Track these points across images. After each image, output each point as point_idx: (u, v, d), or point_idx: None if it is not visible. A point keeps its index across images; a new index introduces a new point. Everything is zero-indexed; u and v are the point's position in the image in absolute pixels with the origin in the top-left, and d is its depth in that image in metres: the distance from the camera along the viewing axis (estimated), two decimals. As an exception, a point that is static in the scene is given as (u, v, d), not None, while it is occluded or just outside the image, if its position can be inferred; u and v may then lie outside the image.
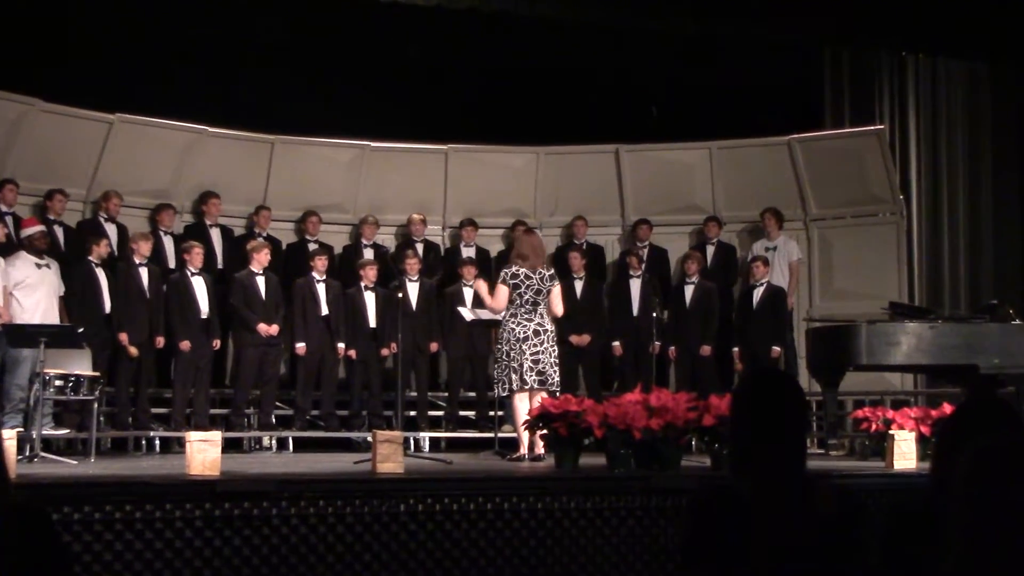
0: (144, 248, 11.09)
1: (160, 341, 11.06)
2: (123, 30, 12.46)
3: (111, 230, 11.61)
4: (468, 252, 12.88)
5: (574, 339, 11.96)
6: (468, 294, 12.07)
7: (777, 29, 13.22)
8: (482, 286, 9.78)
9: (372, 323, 11.94)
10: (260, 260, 11.54)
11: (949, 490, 2.50)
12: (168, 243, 11.91)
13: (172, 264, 11.74)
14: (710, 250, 12.88)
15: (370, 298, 11.97)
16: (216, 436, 7.15)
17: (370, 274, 11.98)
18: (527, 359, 9.08)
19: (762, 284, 11.95)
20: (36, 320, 9.98)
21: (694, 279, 12.17)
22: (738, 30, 13.29)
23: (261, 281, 11.52)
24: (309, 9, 12.93)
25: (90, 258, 10.84)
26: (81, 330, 9.57)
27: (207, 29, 12.78)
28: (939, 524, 2.56)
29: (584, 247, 12.89)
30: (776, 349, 11.82)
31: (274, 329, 11.44)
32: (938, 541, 2.54)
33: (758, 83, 13.78)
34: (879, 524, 3.05)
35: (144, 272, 11.04)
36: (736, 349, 12.06)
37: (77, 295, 10.76)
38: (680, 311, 12.13)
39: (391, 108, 13.44)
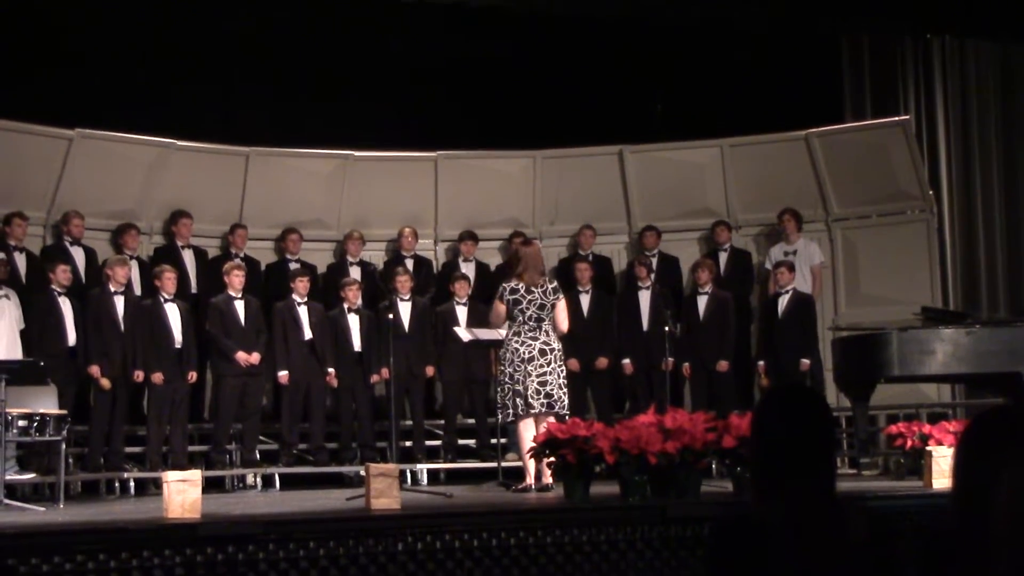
0: (120, 275, 11.01)
1: (139, 375, 11.02)
2: (82, 38, 12.48)
3: (78, 254, 11.60)
4: (467, 268, 12.87)
5: (598, 363, 12.13)
6: (461, 313, 12.09)
7: (790, 14, 13.26)
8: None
9: (357, 347, 11.95)
10: (234, 283, 11.55)
11: (987, 512, 2.49)
12: (133, 267, 11.84)
13: (138, 291, 11.70)
14: (722, 257, 12.90)
15: (354, 320, 11.97)
16: (196, 475, 7.16)
17: (351, 295, 11.98)
18: (533, 381, 9.09)
19: (787, 291, 11.96)
20: (-5, 355, 9.97)
21: (707, 289, 12.17)
22: (748, 17, 13.34)
23: (240, 306, 11.53)
24: (282, 8, 12.94)
25: (52, 287, 10.81)
26: (42, 364, 9.56)
27: (172, 34, 12.80)
28: (971, 549, 2.55)
29: (590, 258, 12.90)
30: (805, 362, 11.81)
31: (255, 358, 11.44)
32: (970, 568, 2.53)
33: (771, 74, 13.81)
34: (917, 549, 3.05)
35: (119, 301, 11.02)
36: (761, 363, 12.07)
37: (37, 326, 10.75)
38: (694, 324, 12.14)
39: (374, 114, 13.46)
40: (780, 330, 11.90)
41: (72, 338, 10.84)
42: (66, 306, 10.85)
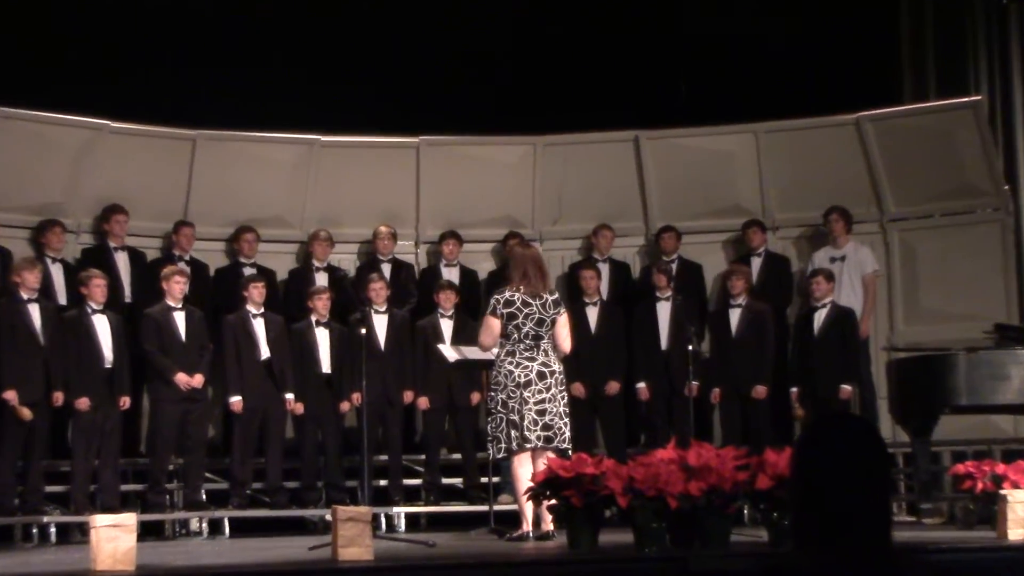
0: (31, 279, 11.00)
1: (59, 398, 11.00)
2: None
3: (-13, 256, 11.60)
4: (450, 273, 12.89)
5: (609, 388, 12.15)
6: (446, 327, 12.07)
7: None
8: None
9: (326, 368, 11.93)
10: (173, 291, 11.51)
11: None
12: (57, 272, 11.84)
13: (63, 299, 11.68)
14: (755, 263, 12.87)
15: (323, 336, 11.97)
16: (130, 520, 7.12)
17: (320, 305, 11.96)
18: (530, 410, 9.05)
19: (824, 305, 11.91)
20: None
21: (741, 300, 12.13)
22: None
23: (180, 318, 11.51)
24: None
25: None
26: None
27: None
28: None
29: (608, 264, 12.90)
30: (846, 389, 11.80)
31: (197, 380, 11.41)
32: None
33: (816, 46, 13.81)
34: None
35: (35, 310, 11.00)
36: (794, 390, 12.02)
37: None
38: (724, 342, 12.11)
39: (346, 92, 13.46)
40: (816, 351, 11.85)
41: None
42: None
